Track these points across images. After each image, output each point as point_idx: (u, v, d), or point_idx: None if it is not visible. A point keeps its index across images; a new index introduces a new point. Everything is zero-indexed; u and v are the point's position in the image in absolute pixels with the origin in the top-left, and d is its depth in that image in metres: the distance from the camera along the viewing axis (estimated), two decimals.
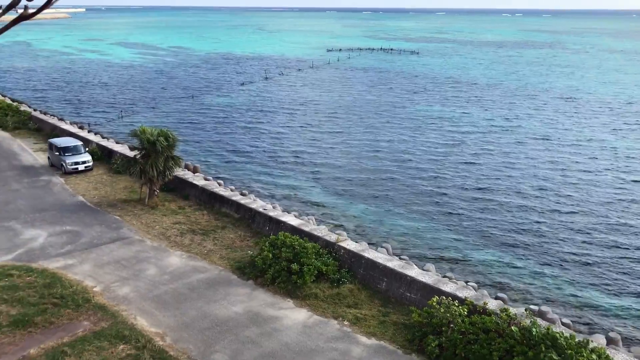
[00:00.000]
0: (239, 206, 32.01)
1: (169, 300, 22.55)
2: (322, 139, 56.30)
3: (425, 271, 24.93)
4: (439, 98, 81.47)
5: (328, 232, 28.15)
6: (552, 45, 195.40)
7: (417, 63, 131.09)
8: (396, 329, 20.81)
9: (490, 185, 42.34)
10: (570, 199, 39.47)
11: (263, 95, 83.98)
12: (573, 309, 25.36)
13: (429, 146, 53.66)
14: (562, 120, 65.93)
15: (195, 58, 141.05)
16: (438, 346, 18.88)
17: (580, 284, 27.57)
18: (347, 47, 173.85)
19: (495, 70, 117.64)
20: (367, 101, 78.71)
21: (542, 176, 44.37)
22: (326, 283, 23.88)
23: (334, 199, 39.10)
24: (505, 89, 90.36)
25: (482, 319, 19.12)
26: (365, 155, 50.31)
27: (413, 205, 38.15)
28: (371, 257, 24.66)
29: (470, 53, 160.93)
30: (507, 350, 17.86)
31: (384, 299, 23.13)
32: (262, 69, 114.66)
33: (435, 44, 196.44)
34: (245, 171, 45.58)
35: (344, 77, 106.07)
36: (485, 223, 35.06)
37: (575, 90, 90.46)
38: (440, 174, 44.89)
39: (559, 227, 34.37)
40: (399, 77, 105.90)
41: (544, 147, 53.12)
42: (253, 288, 23.82)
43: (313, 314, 21.79)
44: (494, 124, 63.59)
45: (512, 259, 30.15)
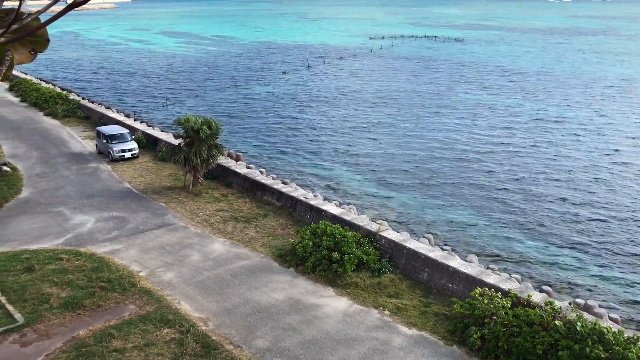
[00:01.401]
0: (281, 194, 32.22)
1: (211, 286, 22.93)
2: (364, 129, 56.04)
3: (468, 262, 24.63)
4: (485, 87, 79.92)
5: (369, 221, 28.08)
6: (604, 32, 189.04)
7: (462, 51, 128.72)
8: (437, 320, 20.67)
9: (537, 176, 41.43)
10: (622, 192, 38.30)
11: (305, 84, 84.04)
12: (621, 304, 24.68)
13: (474, 136, 52.80)
14: (617, 111, 63.83)
15: (237, 47, 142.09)
16: (480, 338, 18.68)
17: (629, 279, 26.79)
18: (389, 34, 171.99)
19: (544, 58, 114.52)
20: (410, 90, 77.87)
21: (593, 169, 43.12)
22: (367, 272, 23.87)
23: (375, 189, 38.93)
24: (555, 78, 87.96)
25: (525, 312, 18.81)
26: (408, 145, 49.86)
27: (456, 196, 37.67)
28: (413, 247, 24.51)
29: (517, 40, 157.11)
30: (551, 344, 17.53)
31: (425, 290, 22.99)
32: (304, 58, 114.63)
33: (481, 31, 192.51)
34: (286, 160, 45.80)
35: (387, 65, 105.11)
36: (531, 215, 34.37)
37: (632, 78, 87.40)
38: (485, 165, 44.16)
39: (608, 221, 33.42)
40: (444, 65, 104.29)
41: (597, 139, 51.53)
42: (294, 276, 24.01)
43: (353, 303, 21.83)
44: (543, 114, 62.08)
45: (557, 252, 29.50)
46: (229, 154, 42.79)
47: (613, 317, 22.23)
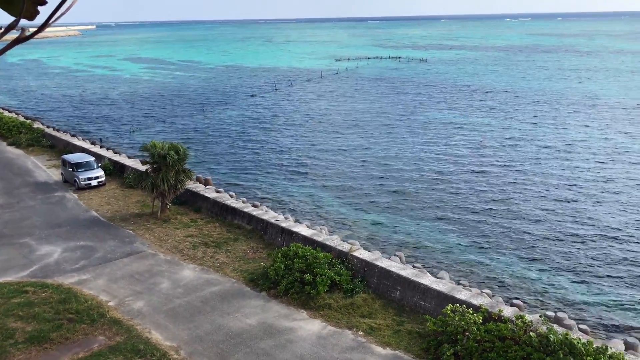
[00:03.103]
0: (251, 218, 32.07)
1: (182, 314, 22.58)
2: (333, 149, 56.33)
3: (439, 279, 24.79)
4: (452, 106, 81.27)
5: (341, 241, 28.11)
6: (564, 50, 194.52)
7: (427, 71, 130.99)
8: (411, 338, 20.69)
9: (504, 192, 42.09)
10: (588, 207, 39.13)
11: (273, 106, 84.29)
12: (590, 315, 25.05)
13: (441, 154, 53.49)
14: (582, 126, 65.49)
15: (204, 71, 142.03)
16: (454, 355, 18.73)
17: (596, 290, 27.26)
18: (355, 56, 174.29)
19: (509, 76, 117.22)
20: (378, 111, 78.70)
21: (561, 185, 43.98)
22: (340, 293, 23.81)
23: (346, 209, 39.04)
24: (520, 96, 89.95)
25: (497, 327, 18.96)
26: (377, 165, 50.24)
27: (425, 213, 37.99)
28: (384, 266, 24.58)
29: (480, 59, 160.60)
30: (524, 358, 17.68)
31: (398, 308, 23.02)
32: (271, 81, 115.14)
33: (444, 51, 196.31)
34: (256, 183, 45.66)
35: (354, 86, 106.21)
36: (499, 230, 34.82)
37: (594, 94, 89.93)
38: (453, 183, 44.71)
39: (574, 234, 34.05)
40: (410, 85, 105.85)
41: (561, 154, 52.62)
42: (266, 300, 23.81)
43: (327, 325, 21.72)
44: (508, 131, 63.32)
45: (526, 266, 29.89)
46: (198, 178, 42.50)
47: (582, 328, 22.59)
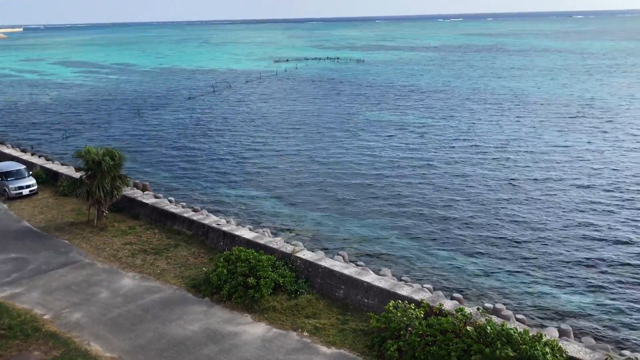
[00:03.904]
0: (192, 223, 31.58)
1: (123, 324, 22.00)
2: (274, 151, 56.19)
3: (382, 276, 25.13)
4: (389, 106, 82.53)
5: (284, 243, 28.09)
6: (495, 49, 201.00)
7: (365, 71, 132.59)
8: (355, 336, 20.88)
9: (443, 190, 43.07)
10: (522, 202, 40.53)
11: (211, 109, 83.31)
12: (526, 305, 25.95)
13: (380, 154, 54.23)
14: (513, 123, 67.74)
15: (139, 74, 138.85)
16: (397, 350, 19.04)
17: (532, 281, 28.27)
18: (294, 57, 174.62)
19: (444, 76, 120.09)
20: (317, 111, 79.06)
21: (495, 180, 45.32)
22: (284, 295, 23.77)
23: (289, 210, 39.02)
24: (456, 95, 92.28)
25: (438, 321, 19.39)
26: (318, 166, 50.44)
27: (367, 211, 38.43)
28: (328, 266, 24.72)
29: (416, 60, 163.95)
30: (464, 350, 18.15)
31: (342, 307, 23.19)
32: (209, 83, 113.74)
33: (381, 52, 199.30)
34: (197, 187, 45.00)
35: (293, 87, 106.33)
36: (439, 226, 35.61)
37: (524, 92, 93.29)
38: (393, 181, 45.41)
39: (510, 229, 35.22)
40: (348, 86, 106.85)
41: (498, 152, 54.08)
42: (209, 305, 23.50)
43: (272, 327, 21.64)
44: (446, 130, 64.83)
45: (466, 260, 30.69)
46: (135, 184, 41.50)
47: (519, 318, 23.39)
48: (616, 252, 30.92)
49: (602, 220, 35.49)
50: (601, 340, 22.72)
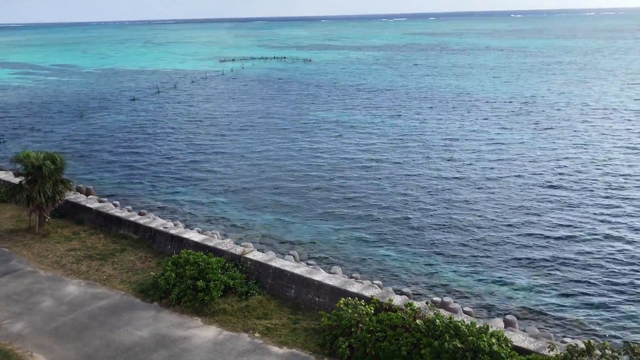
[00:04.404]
0: (138, 227, 30.93)
1: (68, 332, 21.36)
2: (221, 152, 55.65)
3: (332, 274, 25.29)
4: (337, 105, 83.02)
5: (234, 245, 27.87)
6: (439, 48, 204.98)
7: (312, 71, 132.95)
8: (307, 335, 20.94)
9: (391, 187, 43.65)
10: (467, 196, 41.50)
11: (156, 110, 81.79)
12: (473, 297, 26.62)
13: (328, 153, 54.50)
14: (459, 120, 69.22)
15: (80, 75, 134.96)
16: (349, 347, 19.20)
17: (479, 274, 29.01)
18: (240, 57, 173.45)
19: (390, 75, 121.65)
20: (265, 111, 78.76)
21: (439, 175, 46.28)
22: (234, 297, 23.59)
23: (238, 212, 38.73)
24: (403, 93, 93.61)
25: (388, 316, 19.66)
26: (267, 166, 50.27)
27: (317, 211, 38.56)
28: (278, 266, 24.67)
29: (362, 59, 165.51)
30: (414, 344, 18.46)
31: (293, 306, 23.20)
32: (153, 83, 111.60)
33: (327, 51, 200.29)
34: (143, 190, 44.09)
35: (240, 87, 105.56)
36: (388, 224, 36.08)
37: (468, 90, 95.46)
38: (342, 180, 45.71)
39: (455, 223, 36.02)
40: (296, 85, 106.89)
41: (444, 149, 55.16)
42: (158, 310, 23.09)
43: (223, 330, 21.45)
44: (394, 128, 65.67)
45: (414, 256, 31.21)
46: (78, 188, 40.36)
47: (467, 310, 24.01)
48: (557, 245, 32.07)
49: (544, 215, 36.74)
50: (544, 329, 23.53)
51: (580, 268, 29.10)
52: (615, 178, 43.57)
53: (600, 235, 33.04)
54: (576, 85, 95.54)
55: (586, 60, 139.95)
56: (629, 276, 28.11)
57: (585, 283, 27.48)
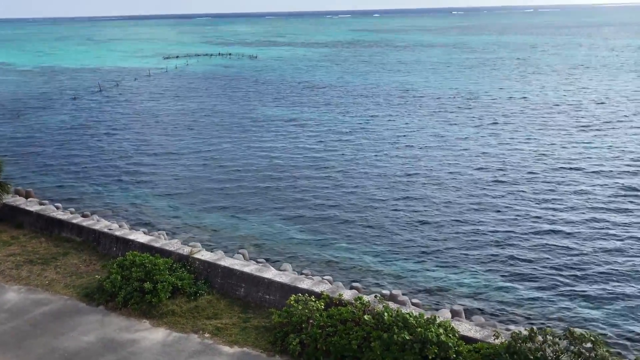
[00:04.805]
0: (81, 229, 30.08)
1: (9, 341, 20.58)
2: (167, 151, 54.71)
3: (282, 271, 25.28)
4: (284, 102, 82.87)
5: (181, 245, 27.46)
6: (383, 44, 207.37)
7: (259, 67, 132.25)
8: (258, 333, 20.88)
9: (339, 183, 43.92)
10: (410, 189, 42.19)
11: (98, 109, 79.64)
12: (421, 289, 27.12)
13: (275, 150, 54.38)
14: (406, 116, 70.21)
15: (17, 74, 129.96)
16: (300, 343, 19.25)
17: (425, 265, 29.56)
18: (184, 54, 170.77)
19: (336, 71, 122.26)
20: (211, 109, 77.85)
21: (387, 170, 46.86)
22: (183, 298, 23.27)
23: (185, 211, 38.18)
24: (348, 89, 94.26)
25: (338, 311, 19.82)
26: (213, 164, 49.74)
27: (266, 208, 38.43)
28: (227, 265, 24.48)
29: (308, 56, 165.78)
30: (364, 337, 18.68)
31: (243, 305, 23.08)
32: (95, 81, 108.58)
33: (274, 48, 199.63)
34: (86, 192, 42.86)
35: (184, 85, 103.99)
36: (336, 218, 36.31)
37: (411, 85, 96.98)
38: (288, 176, 45.71)
39: (403, 216, 36.59)
40: (243, 82, 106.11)
41: (392, 145, 55.68)
42: (104, 314, 22.53)
43: (172, 332, 21.15)
44: (342, 124, 66.04)
45: (363, 249, 31.53)
46: (17, 191, 38.89)
47: (415, 302, 24.44)
48: (502, 238, 32.99)
49: (489, 208, 37.74)
50: (489, 318, 24.22)
51: (524, 259, 30.02)
52: (558, 171, 45.13)
53: (544, 227, 34.17)
54: (517, 81, 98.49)
55: (526, 56, 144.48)
56: (570, 267, 29.19)
57: (529, 274, 28.39)
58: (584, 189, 40.51)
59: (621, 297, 25.90)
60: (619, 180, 42.39)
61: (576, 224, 34.40)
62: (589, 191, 39.99)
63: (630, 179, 42.56)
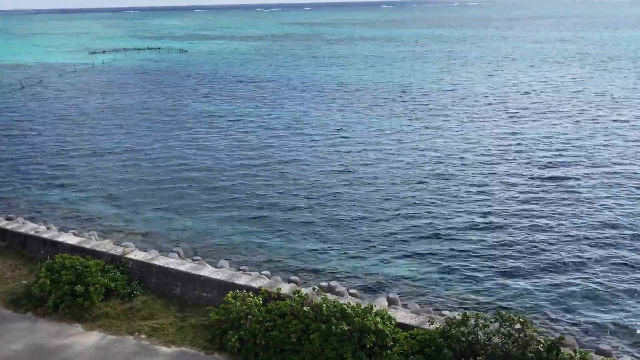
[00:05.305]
0: (5, 232, 28.70)
1: None
2: (96, 149, 52.90)
3: (219, 268, 25.02)
4: (217, 96, 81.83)
5: (113, 246, 26.68)
6: (315, 38, 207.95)
7: (189, 62, 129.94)
8: (196, 332, 20.59)
9: (273, 176, 43.81)
10: (346, 181, 42.59)
11: (20, 107, 76.04)
12: (358, 279, 27.47)
13: (209, 145, 53.63)
14: (338, 110, 70.67)
15: None
16: (238, 340, 19.12)
17: (362, 255, 29.95)
18: (111, 48, 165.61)
19: (269, 65, 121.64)
20: (141, 104, 75.86)
21: (322, 163, 47.10)
22: (117, 299, 22.64)
23: (117, 211, 37.09)
24: (282, 83, 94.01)
25: (277, 305, 19.80)
26: (145, 161, 48.51)
27: (201, 205, 37.85)
28: (162, 264, 23.99)
29: (241, 49, 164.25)
30: (303, 330, 18.75)
31: (180, 304, 22.69)
32: (16, 78, 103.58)
33: (204, 42, 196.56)
34: (10, 194, 40.86)
35: (113, 80, 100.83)
36: (272, 212, 36.21)
37: (346, 79, 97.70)
38: (223, 172, 45.20)
39: (340, 209, 36.90)
40: (173, 77, 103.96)
41: (326, 137, 56.00)
42: (33, 320, 21.62)
43: (106, 335, 20.54)
44: (276, 119, 65.80)
45: (301, 242, 31.60)
46: None
47: (352, 292, 24.72)
48: (435, 226, 33.83)
49: (423, 199, 38.60)
50: (425, 305, 24.82)
51: (457, 248, 30.85)
52: (488, 161, 46.63)
53: (474, 215, 35.25)
54: (447, 73, 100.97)
55: (454, 49, 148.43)
56: (501, 253, 30.25)
57: (462, 262, 29.22)
58: (513, 179, 42.07)
59: (548, 280, 27.11)
60: (546, 169, 44.29)
61: (505, 211, 35.67)
62: (518, 181, 41.51)
63: (556, 167, 44.52)
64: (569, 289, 26.15)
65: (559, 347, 16.92)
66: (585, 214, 34.83)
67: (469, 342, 17.36)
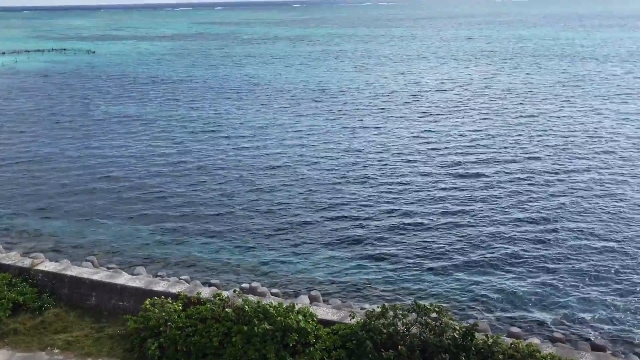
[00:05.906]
0: None
1: None
2: (5, 157, 50.01)
3: (136, 275, 24.40)
4: (130, 98, 79.35)
5: (20, 257, 25.38)
6: (228, 37, 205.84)
7: (98, 63, 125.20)
8: (113, 342, 19.97)
9: (191, 178, 43.09)
10: (268, 181, 42.51)
11: None
12: (279, 279, 27.52)
13: (121, 149, 51.96)
14: (259, 109, 70.21)
15: None
16: (158, 347, 18.71)
17: (281, 254, 30.04)
18: (11, 50, 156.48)
19: (180, 65, 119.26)
20: (48, 109, 72.23)
21: (241, 163, 46.73)
22: (26, 314, 21.56)
23: (22, 220, 35.18)
24: (197, 83, 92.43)
25: (197, 310, 19.54)
26: (53, 168, 46.28)
27: (112, 211, 36.59)
28: (75, 274, 23.09)
29: (152, 50, 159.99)
30: (225, 333, 18.61)
31: (96, 315, 21.92)
32: None
33: (113, 42, 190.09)
34: None
35: (15, 84, 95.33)
36: (189, 216, 35.63)
37: (259, 78, 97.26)
38: (136, 176, 43.93)
39: (260, 208, 36.80)
40: (81, 79, 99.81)
41: (244, 137, 55.56)
42: None
43: (15, 352, 19.53)
44: (192, 120, 64.57)
45: (219, 245, 31.24)
46: None
47: (274, 292, 24.80)
48: (354, 220, 34.44)
49: (344, 196, 39.14)
50: (346, 299, 25.24)
51: (374, 243, 31.55)
52: (404, 156, 47.94)
53: (392, 213, 36.04)
54: (362, 72, 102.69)
55: (367, 48, 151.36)
56: (417, 245, 31.24)
57: (380, 255, 29.92)
58: (427, 172, 43.49)
59: (462, 270, 28.28)
60: (460, 165, 46.09)
61: (422, 207, 36.79)
62: (434, 178, 42.78)
63: (469, 163, 46.42)
64: (483, 278, 27.40)
65: (474, 333, 17.71)
66: (498, 209, 36.44)
67: (389, 333, 17.83)
